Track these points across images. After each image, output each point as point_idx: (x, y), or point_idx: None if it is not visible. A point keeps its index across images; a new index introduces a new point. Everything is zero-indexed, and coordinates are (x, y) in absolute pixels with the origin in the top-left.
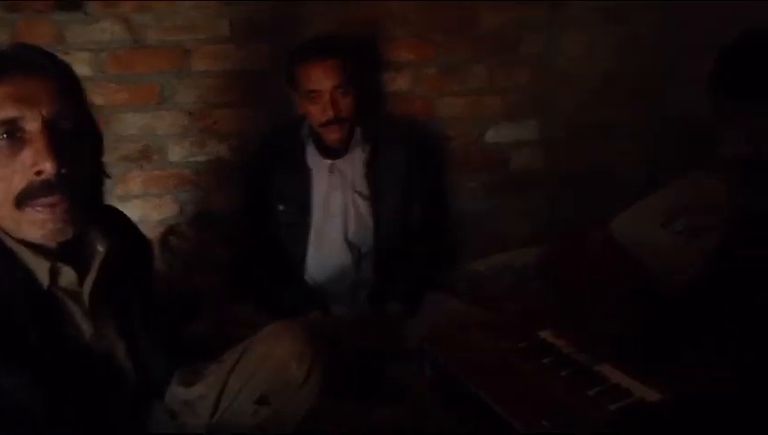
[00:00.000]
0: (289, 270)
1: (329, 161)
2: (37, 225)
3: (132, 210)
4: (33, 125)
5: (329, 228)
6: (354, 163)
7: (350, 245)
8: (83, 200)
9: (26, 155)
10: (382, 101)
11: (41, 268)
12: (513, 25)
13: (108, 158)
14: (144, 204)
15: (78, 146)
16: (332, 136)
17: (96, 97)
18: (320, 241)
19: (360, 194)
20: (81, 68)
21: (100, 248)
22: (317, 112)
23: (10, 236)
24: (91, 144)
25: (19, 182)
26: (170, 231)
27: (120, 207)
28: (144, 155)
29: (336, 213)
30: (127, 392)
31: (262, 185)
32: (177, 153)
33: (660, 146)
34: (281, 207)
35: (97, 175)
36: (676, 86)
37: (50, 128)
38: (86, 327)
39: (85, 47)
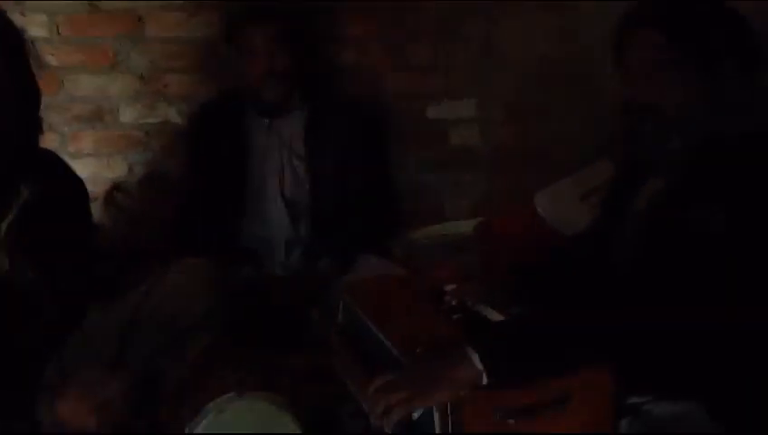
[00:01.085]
0: (225, 227)
1: (266, 120)
2: None
3: (83, 168)
4: None
5: (266, 186)
6: (292, 124)
7: (286, 202)
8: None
9: None
10: (325, 70)
11: None
12: (457, 7)
13: (60, 117)
14: (95, 162)
15: (8, 104)
16: (269, 93)
17: (51, 58)
18: (257, 198)
19: (296, 154)
20: (38, 29)
21: (24, 191)
22: (253, 67)
23: None
24: (26, 101)
25: None
26: (116, 187)
27: (72, 163)
28: (96, 115)
29: (273, 171)
30: (43, 321)
31: (203, 145)
32: (128, 115)
33: (594, 129)
34: (219, 166)
35: (32, 128)
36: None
37: None
38: (3, 261)
39: (42, 9)
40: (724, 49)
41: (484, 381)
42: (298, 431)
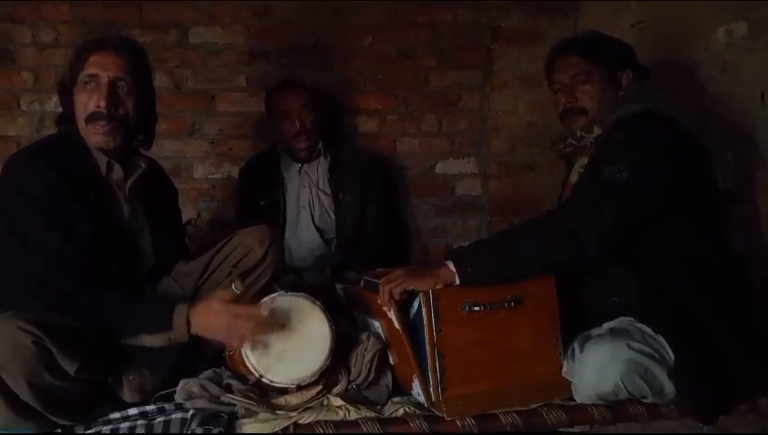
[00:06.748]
0: None
1: (298, 165)
2: None
3: None
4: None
5: (300, 217)
6: (318, 168)
7: (318, 229)
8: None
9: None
10: (345, 132)
11: (102, 162)
12: (455, 86)
13: None
14: None
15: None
16: (299, 145)
17: None
18: (294, 227)
19: (323, 192)
20: None
21: (143, 165)
22: (289, 126)
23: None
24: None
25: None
26: (188, 223)
27: None
28: (175, 172)
29: (305, 205)
30: (145, 263)
31: (248, 189)
32: (199, 172)
33: None
34: (262, 203)
35: (146, 123)
36: None
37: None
38: (125, 209)
39: None
40: (620, 65)
41: (457, 281)
42: (326, 316)
